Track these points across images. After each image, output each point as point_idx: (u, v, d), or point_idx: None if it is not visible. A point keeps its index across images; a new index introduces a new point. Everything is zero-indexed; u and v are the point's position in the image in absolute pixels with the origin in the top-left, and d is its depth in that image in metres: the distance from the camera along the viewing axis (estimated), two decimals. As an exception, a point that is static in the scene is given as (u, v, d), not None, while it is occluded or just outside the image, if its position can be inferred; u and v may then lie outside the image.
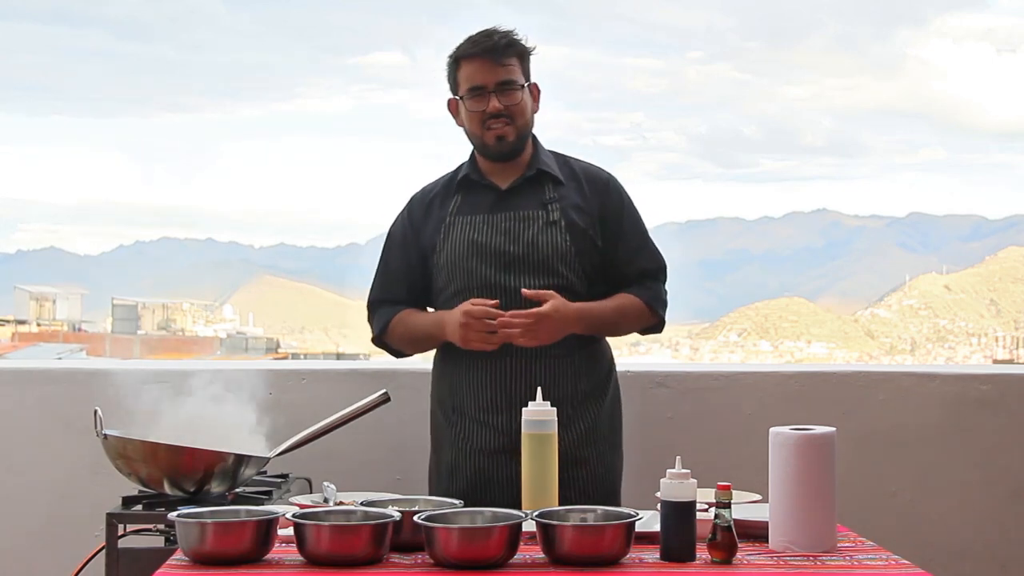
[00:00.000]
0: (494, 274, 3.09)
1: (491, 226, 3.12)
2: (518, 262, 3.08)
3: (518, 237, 3.10)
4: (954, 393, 4.08)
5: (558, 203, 3.13)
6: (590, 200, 3.16)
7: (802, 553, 2.45)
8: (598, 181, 3.21)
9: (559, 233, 3.10)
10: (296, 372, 3.99)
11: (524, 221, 3.11)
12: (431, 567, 2.33)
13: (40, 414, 3.97)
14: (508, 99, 3.10)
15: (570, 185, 3.17)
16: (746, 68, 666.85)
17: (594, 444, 3.13)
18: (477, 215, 3.13)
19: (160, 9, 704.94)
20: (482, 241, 3.10)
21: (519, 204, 3.13)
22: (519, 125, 3.12)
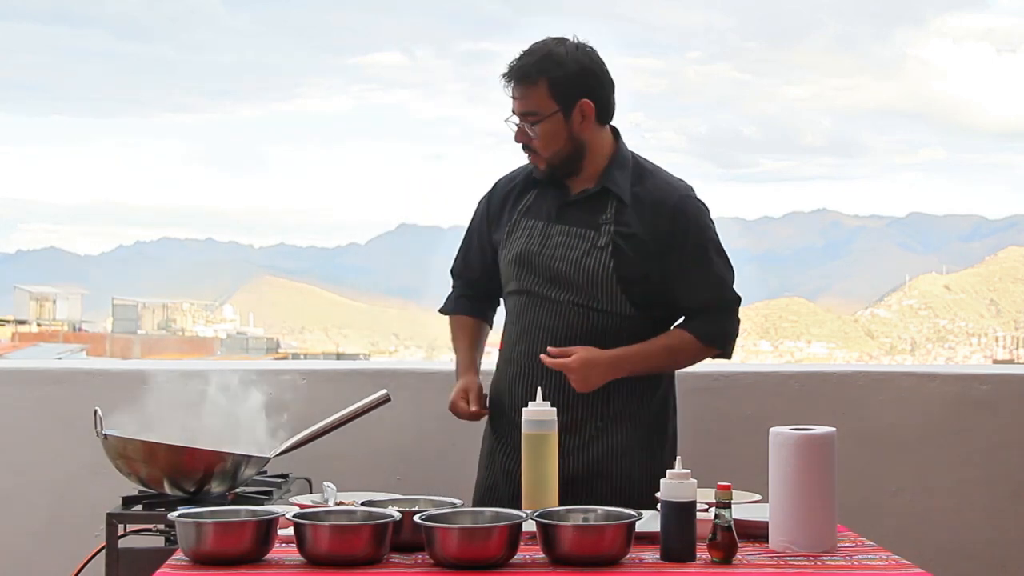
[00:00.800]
0: (540, 286, 3.07)
1: (545, 237, 3.06)
2: (562, 279, 3.03)
3: (565, 255, 3.03)
4: (954, 393, 4.08)
5: (612, 226, 3.01)
6: (652, 225, 3.02)
7: (802, 553, 2.45)
8: (666, 204, 3.04)
9: (604, 258, 3.00)
10: (296, 372, 3.99)
11: (575, 239, 3.03)
12: (431, 567, 2.33)
13: (40, 414, 3.97)
14: (530, 131, 3.02)
15: (636, 206, 3.03)
16: (746, 68, 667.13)
17: (620, 462, 3.06)
18: (538, 222, 3.09)
19: (160, 9, 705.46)
20: (534, 251, 3.07)
21: (576, 218, 3.05)
22: (545, 157, 3.03)
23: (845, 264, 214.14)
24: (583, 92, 3.01)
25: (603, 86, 3.06)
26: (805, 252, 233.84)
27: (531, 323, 3.08)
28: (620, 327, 3.03)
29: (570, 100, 3.00)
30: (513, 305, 3.15)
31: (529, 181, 3.15)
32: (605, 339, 3.02)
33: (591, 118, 3.03)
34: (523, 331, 3.10)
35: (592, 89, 3.03)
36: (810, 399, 4.05)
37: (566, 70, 2.99)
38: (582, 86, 3.01)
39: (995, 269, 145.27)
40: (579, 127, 3.02)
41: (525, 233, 3.09)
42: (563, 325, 3.03)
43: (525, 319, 3.10)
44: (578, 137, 3.02)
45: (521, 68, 2.99)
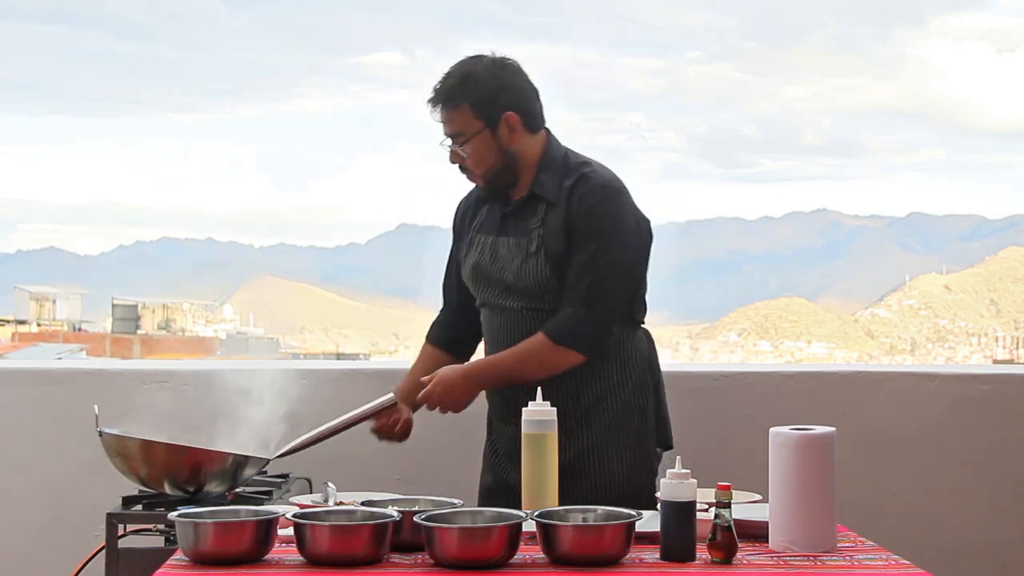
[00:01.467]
0: (495, 297, 3.16)
1: (492, 251, 3.15)
2: (512, 289, 3.11)
3: (508, 265, 3.11)
4: (954, 393, 4.08)
5: (541, 229, 3.07)
6: (569, 211, 3.06)
7: (802, 553, 2.45)
8: (584, 190, 3.06)
9: (539, 263, 3.06)
10: (296, 372, 3.98)
11: (514, 249, 3.11)
12: (431, 567, 2.33)
13: (40, 414, 3.97)
14: (460, 151, 3.08)
15: (563, 205, 3.07)
16: (746, 68, 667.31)
17: (599, 457, 3.09)
18: (487, 236, 3.17)
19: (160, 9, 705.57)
20: (485, 265, 3.16)
21: (515, 228, 3.12)
22: (480, 173, 3.10)
23: (845, 264, 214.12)
24: (505, 105, 3.05)
25: (525, 96, 3.10)
26: (805, 252, 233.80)
27: (497, 332, 3.18)
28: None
29: (494, 115, 3.05)
30: (482, 318, 3.24)
31: (476, 199, 3.25)
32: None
33: (519, 129, 3.07)
34: (492, 341, 3.20)
35: (513, 101, 3.07)
36: (810, 399, 4.05)
37: (485, 86, 3.04)
38: (503, 100, 3.06)
39: (995, 269, 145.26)
40: (508, 140, 3.07)
41: (477, 249, 3.19)
42: (523, 331, 3.09)
43: (492, 329, 3.21)
44: (508, 150, 3.07)
45: (442, 92, 3.05)
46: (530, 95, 3.12)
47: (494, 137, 3.05)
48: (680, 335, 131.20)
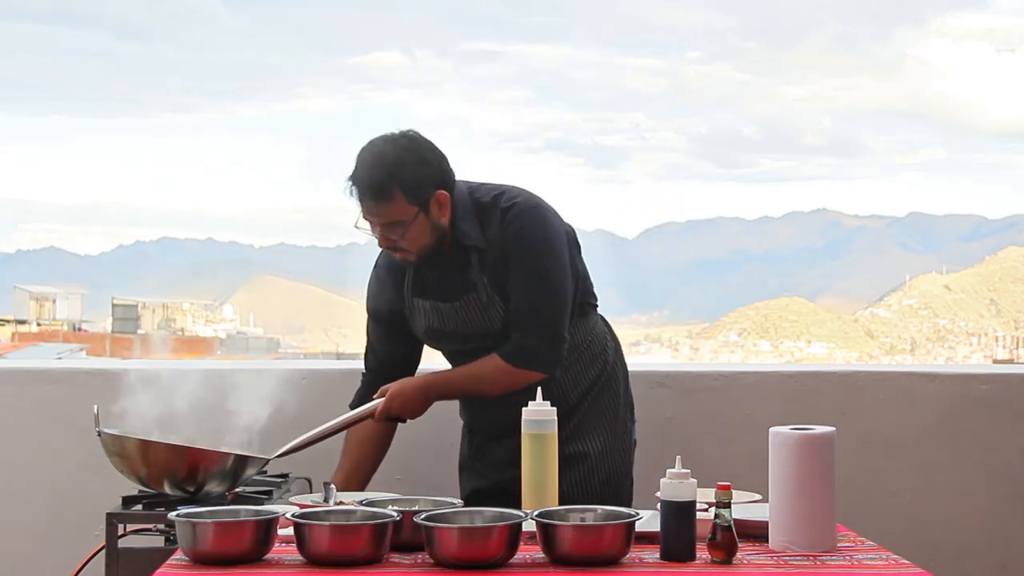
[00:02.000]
0: (458, 345, 3.20)
1: (442, 316, 3.17)
2: (472, 338, 3.15)
3: (467, 322, 3.13)
4: (954, 393, 4.08)
5: (484, 277, 3.09)
6: (503, 243, 3.09)
7: (802, 553, 2.45)
8: (507, 216, 3.09)
9: (495, 309, 3.10)
10: (296, 372, 3.98)
11: (463, 311, 3.13)
12: (431, 567, 2.33)
13: (40, 414, 3.97)
14: (394, 237, 3.05)
15: (494, 245, 3.09)
16: (746, 68, 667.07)
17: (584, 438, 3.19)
18: (426, 301, 3.18)
19: (160, 9, 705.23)
20: (440, 328, 3.18)
21: (453, 288, 3.12)
22: (415, 250, 3.07)
23: (845, 264, 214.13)
24: (435, 186, 3.05)
25: (445, 169, 3.09)
26: (805, 252, 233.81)
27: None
28: None
29: (426, 198, 3.03)
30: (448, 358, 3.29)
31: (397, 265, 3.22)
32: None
33: (447, 205, 3.07)
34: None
35: (440, 179, 3.06)
36: (810, 399, 4.05)
37: (415, 174, 3.01)
38: (433, 181, 3.04)
39: (995, 269, 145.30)
40: (439, 217, 3.06)
41: (421, 314, 3.20)
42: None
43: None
44: (440, 226, 3.07)
45: (373, 185, 2.99)
46: (445, 164, 3.09)
47: (428, 218, 3.04)
48: (680, 335, 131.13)
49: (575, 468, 3.15)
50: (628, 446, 3.29)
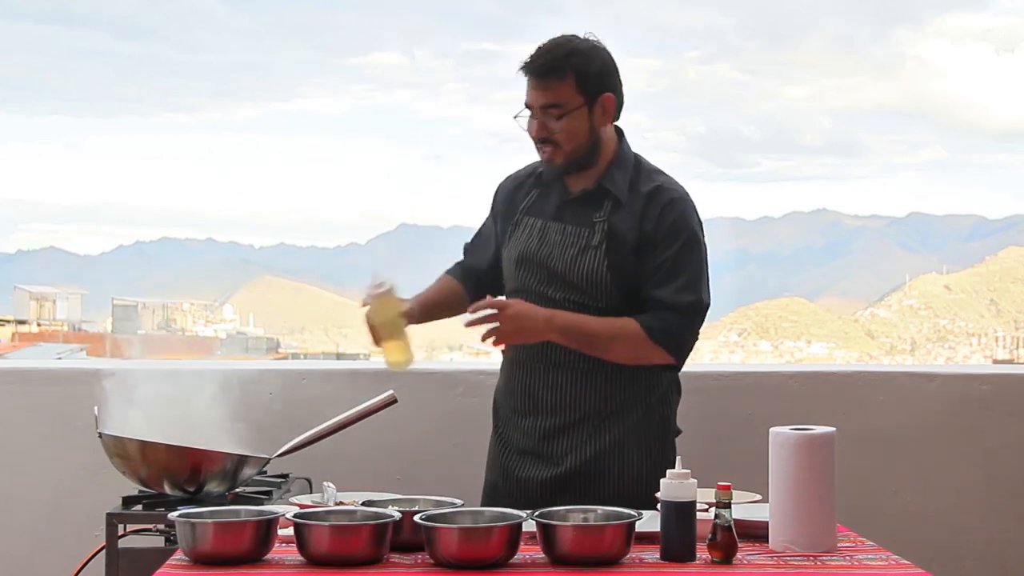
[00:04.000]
0: (537, 285, 3.08)
1: (543, 236, 3.08)
2: (559, 278, 3.05)
3: (562, 254, 3.05)
4: (954, 393, 4.08)
5: (606, 224, 3.02)
6: (641, 223, 3.02)
7: (802, 553, 2.45)
8: (656, 204, 3.04)
9: (597, 257, 3.01)
10: (296, 372, 3.99)
11: (570, 238, 3.05)
12: (431, 567, 2.33)
13: (40, 414, 3.97)
14: (552, 124, 3.00)
15: (632, 204, 3.04)
16: (746, 68, 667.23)
17: (619, 458, 3.05)
18: (538, 220, 3.11)
19: (160, 9, 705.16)
20: (532, 250, 3.08)
21: (574, 216, 3.06)
22: (567, 150, 3.01)
23: (845, 264, 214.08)
24: (606, 87, 3.03)
25: (620, 83, 3.09)
26: (805, 252, 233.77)
27: None
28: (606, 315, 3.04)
29: (595, 94, 3.00)
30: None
31: (533, 180, 3.17)
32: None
33: (611, 113, 3.05)
34: None
35: (614, 85, 3.05)
36: (810, 399, 4.05)
37: (593, 64, 3.01)
38: (606, 81, 3.03)
39: (995, 269, 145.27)
40: (599, 121, 3.03)
41: (525, 232, 3.11)
42: None
43: None
44: (597, 132, 3.03)
45: (550, 61, 2.98)
46: (619, 82, 3.09)
47: (590, 115, 3.01)
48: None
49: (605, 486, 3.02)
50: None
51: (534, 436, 3.08)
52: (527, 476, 3.08)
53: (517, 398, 3.13)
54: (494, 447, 3.22)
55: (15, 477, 3.95)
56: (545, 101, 2.99)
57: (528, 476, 3.07)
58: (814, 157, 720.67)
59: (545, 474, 3.05)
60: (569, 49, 3.00)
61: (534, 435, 3.08)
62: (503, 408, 3.20)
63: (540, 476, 3.05)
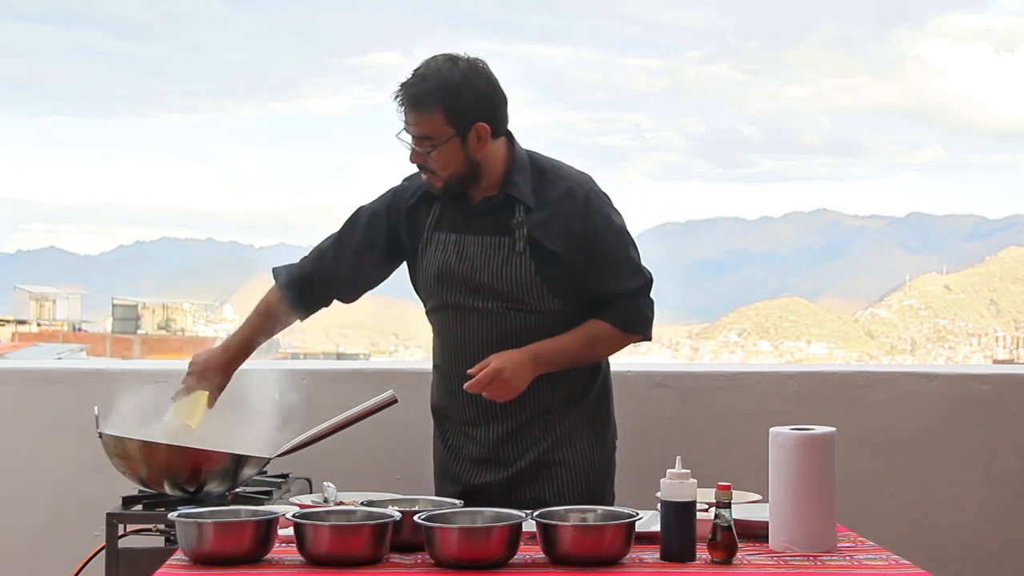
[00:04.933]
0: (463, 298, 3.07)
1: (460, 250, 3.06)
2: (485, 289, 3.04)
3: (484, 264, 3.03)
4: (954, 393, 4.08)
5: (524, 228, 3.01)
6: (565, 220, 3.03)
7: (802, 553, 2.45)
8: (571, 200, 3.05)
9: (523, 263, 3.01)
10: (296, 372, 3.99)
11: (491, 248, 3.03)
12: (431, 567, 2.33)
13: (40, 414, 3.97)
14: (425, 153, 2.98)
15: (543, 204, 3.04)
16: (745, 68, 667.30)
17: (571, 446, 3.10)
18: (450, 235, 3.08)
19: (160, 9, 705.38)
20: (451, 265, 3.06)
21: (487, 226, 3.04)
22: (444, 176, 3.00)
23: (845, 264, 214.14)
24: (479, 116, 2.98)
25: (497, 105, 3.04)
26: (805, 252, 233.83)
27: (463, 333, 3.08)
28: (550, 322, 3.05)
29: (466, 124, 2.97)
30: (439, 320, 3.15)
31: (425, 193, 3.12)
32: (537, 335, 3.04)
33: (487, 139, 3.00)
34: (456, 342, 3.10)
35: (487, 112, 3.00)
36: (810, 399, 4.04)
37: (462, 97, 2.96)
38: (478, 110, 2.98)
39: (995, 269, 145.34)
40: (475, 148, 2.99)
41: (440, 248, 3.08)
42: (495, 330, 3.05)
43: (455, 331, 3.10)
44: (474, 158, 3.00)
45: (417, 95, 2.95)
46: (501, 103, 3.05)
47: (463, 146, 2.98)
48: (680, 335, 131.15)
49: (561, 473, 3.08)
50: (612, 450, 3.24)
51: (488, 444, 3.08)
52: (483, 482, 3.08)
53: (466, 410, 3.10)
54: (443, 458, 3.21)
55: (15, 477, 3.95)
56: (416, 132, 2.97)
57: (484, 482, 3.08)
58: (814, 157, 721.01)
59: (500, 476, 3.07)
60: (437, 82, 2.94)
61: (488, 443, 3.08)
62: (450, 420, 3.18)
63: (496, 479, 3.07)
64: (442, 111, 2.94)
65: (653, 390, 4.00)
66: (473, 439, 3.12)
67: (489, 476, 3.08)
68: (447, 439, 3.19)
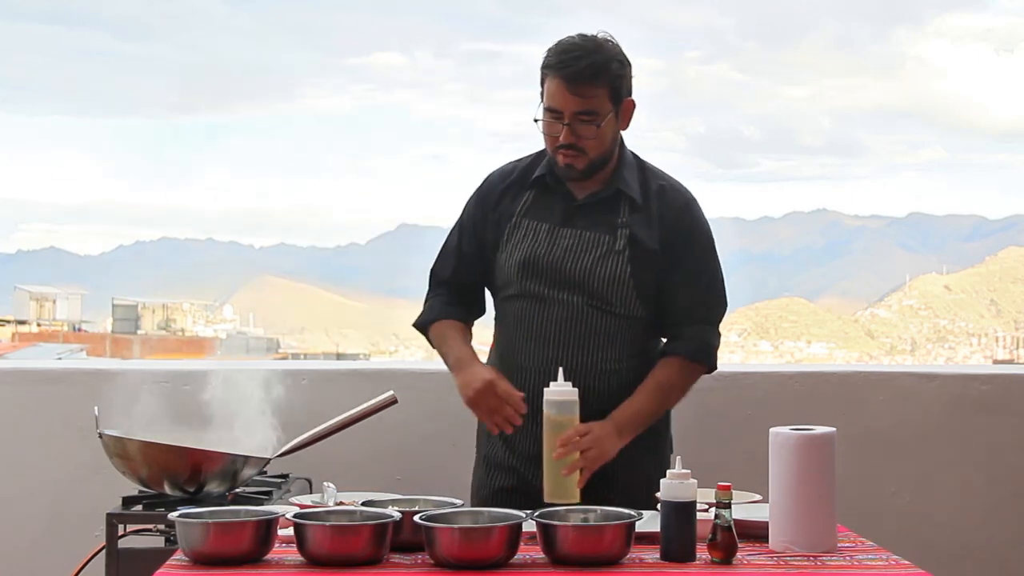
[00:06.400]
0: (546, 290, 2.97)
1: (554, 240, 2.97)
2: (573, 283, 2.95)
3: (578, 258, 2.95)
4: (954, 393, 4.08)
5: (627, 229, 2.95)
6: (661, 228, 2.97)
7: (802, 553, 2.45)
8: (675, 203, 3.00)
9: (621, 263, 2.93)
10: (296, 372, 3.99)
11: (588, 243, 2.95)
12: (431, 567, 2.33)
13: (40, 414, 3.97)
14: (584, 131, 2.88)
15: (646, 206, 2.98)
16: (745, 68, 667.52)
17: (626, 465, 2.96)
18: (543, 224, 2.99)
19: (160, 9, 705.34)
20: (541, 255, 2.97)
21: (588, 222, 2.97)
22: (592, 156, 2.91)
23: (845, 264, 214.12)
24: (629, 91, 2.96)
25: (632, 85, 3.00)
26: (805, 252, 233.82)
27: (540, 326, 2.98)
28: (629, 328, 2.99)
29: (620, 100, 2.93)
30: (515, 309, 3.03)
31: (526, 180, 3.05)
32: (614, 338, 2.97)
33: (629, 119, 2.98)
34: (531, 334, 2.99)
35: (631, 88, 2.97)
36: (810, 399, 4.05)
37: (623, 70, 2.92)
38: (629, 86, 2.96)
39: (995, 269, 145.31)
40: (623, 125, 2.97)
41: (529, 235, 2.99)
42: (575, 326, 2.96)
43: (532, 322, 2.99)
44: (618, 137, 2.97)
45: (591, 68, 2.85)
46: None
47: (616, 122, 2.94)
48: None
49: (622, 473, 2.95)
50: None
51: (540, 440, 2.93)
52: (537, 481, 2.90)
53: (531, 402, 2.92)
54: (496, 449, 3.09)
55: (15, 477, 3.95)
56: (579, 108, 2.87)
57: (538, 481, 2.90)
58: (814, 157, 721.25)
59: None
60: (608, 56, 2.88)
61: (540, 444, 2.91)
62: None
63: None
64: (608, 86, 2.88)
65: (653, 390, 3.99)
66: (535, 436, 2.92)
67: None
68: (504, 434, 3.00)
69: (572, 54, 2.86)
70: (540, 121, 2.93)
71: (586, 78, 2.85)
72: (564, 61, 2.86)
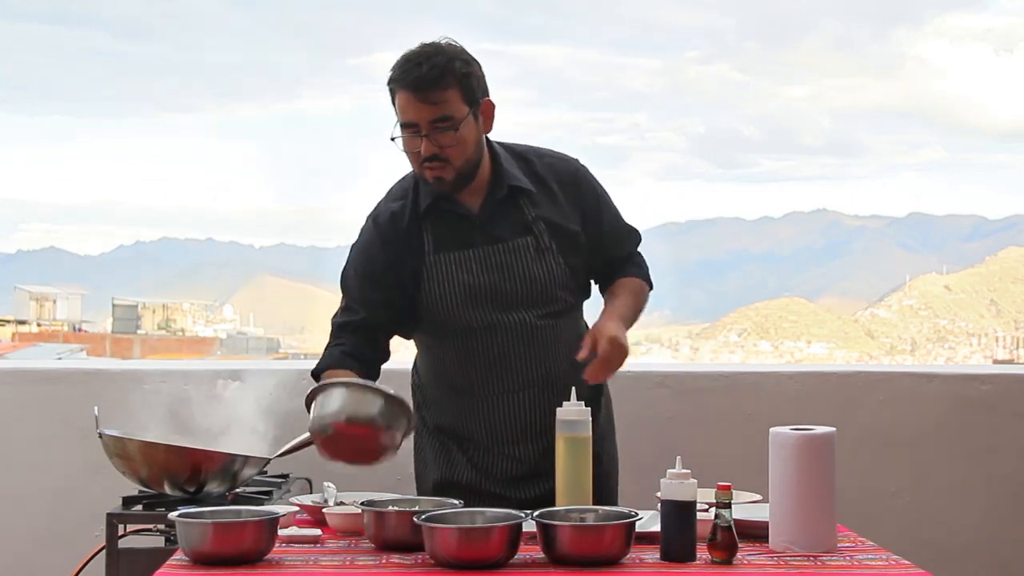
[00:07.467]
0: (490, 314, 2.89)
1: (481, 263, 2.88)
2: (515, 297, 2.89)
3: (513, 273, 2.88)
4: (954, 393, 4.08)
5: (541, 221, 2.90)
6: (569, 203, 2.94)
7: (802, 553, 2.44)
8: (567, 177, 2.96)
9: (552, 258, 2.90)
10: (296, 372, 3.98)
11: (515, 253, 2.89)
12: (431, 567, 2.33)
13: (40, 414, 3.97)
14: (443, 139, 2.77)
15: (543, 192, 2.92)
16: (745, 68, 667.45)
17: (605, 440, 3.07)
18: (461, 251, 2.89)
19: (160, 9, 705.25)
20: (474, 282, 2.88)
21: (502, 232, 2.89)
22: (458, 165, 2.80)
23: (845, 264, 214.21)
24: (485, 92, 2.87)
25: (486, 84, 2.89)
26: (805, 252, 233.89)
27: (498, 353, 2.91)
28: (567, 321, 2.99)
29: (476, 101, 2.83)
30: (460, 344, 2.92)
31: (415, 215, 2.91)
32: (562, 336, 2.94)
33: (491, 119, 2.89)
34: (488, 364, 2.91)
35: (485, 87, 2.87)
36: (810, 399, 4.05)
37: (471, 69, 2.82)
38: (482, 85, 2.86)
39: (995, 269, 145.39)
40: (484, 128, 2.88)
41: (452, 268, 2.89)
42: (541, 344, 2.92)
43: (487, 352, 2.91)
44: (481, 141, 2.87)
45: (433, 72, 2.75)
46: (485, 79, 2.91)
47: (476, 125, 2.83)
48: (680, 335, 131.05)
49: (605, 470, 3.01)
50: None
51: (530, 460, 2.96)
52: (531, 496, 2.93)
53: (504, 431, 2.94)
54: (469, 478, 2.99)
55: (15, 477, 3.96)
56: (433, 116, 2.76)
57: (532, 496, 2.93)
58: (814, 157, 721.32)
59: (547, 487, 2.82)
60: (449, 56, 2.78)
61: (530, 460, 2.96)
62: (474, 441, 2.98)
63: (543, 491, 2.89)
64: (458, 87, 2.78)
65: (653, 390, 4.00)
66: (511, 458, 2.94)
67: (536, 490, 2.94)
68: (473, 459, 2.98)
69: (413, 62, 2.77)
70: (398, 139, 2.83)
71: (431, 82, 2.76)
72: (407, 70, 2.77)
